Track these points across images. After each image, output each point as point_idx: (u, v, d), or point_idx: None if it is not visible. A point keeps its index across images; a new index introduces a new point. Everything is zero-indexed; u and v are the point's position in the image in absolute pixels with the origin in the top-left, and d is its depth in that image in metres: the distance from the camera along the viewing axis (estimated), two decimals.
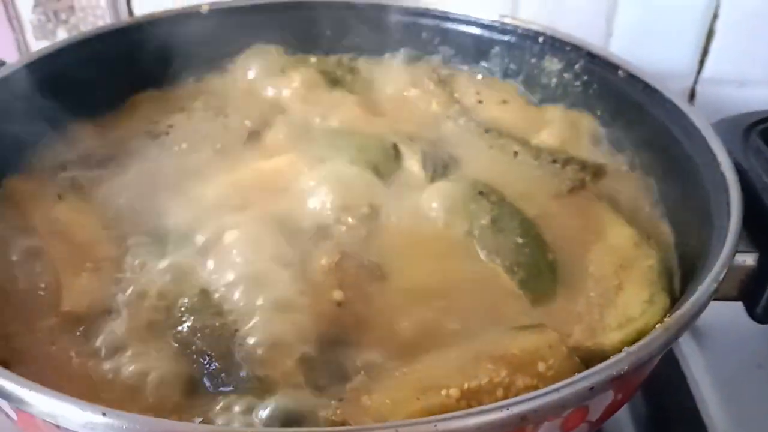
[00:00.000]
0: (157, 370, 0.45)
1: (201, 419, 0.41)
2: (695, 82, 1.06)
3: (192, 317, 0.48)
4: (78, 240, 0.55)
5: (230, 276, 0.50)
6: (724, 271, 0.42)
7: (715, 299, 0.51)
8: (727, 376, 0.71)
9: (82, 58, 0.69)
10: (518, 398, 0.35)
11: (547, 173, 0.65)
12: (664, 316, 0.44)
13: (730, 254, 0.43)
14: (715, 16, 0.99)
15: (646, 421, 0.66)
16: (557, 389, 0.35)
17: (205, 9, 0.76)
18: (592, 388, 0.35)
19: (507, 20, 0.74)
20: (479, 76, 0.78)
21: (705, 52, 1.03)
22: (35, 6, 0.95)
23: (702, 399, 0.66)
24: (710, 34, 1.01)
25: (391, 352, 0.48)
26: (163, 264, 0.52)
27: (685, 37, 1.02)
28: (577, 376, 0.36)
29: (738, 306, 0.55)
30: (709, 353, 0.72)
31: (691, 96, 1.07)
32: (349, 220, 0.58)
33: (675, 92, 0.61)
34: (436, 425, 0.33)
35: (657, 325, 0.40)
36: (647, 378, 0.47)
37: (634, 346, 0.38)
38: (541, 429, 0.38)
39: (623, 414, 0.67)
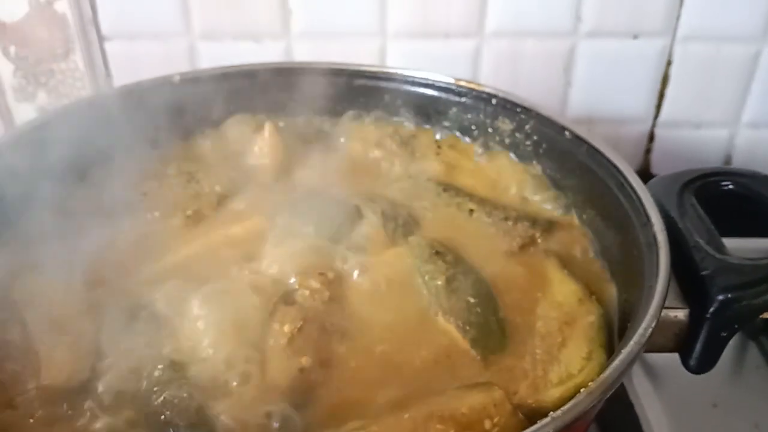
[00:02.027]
0: None
1: None
2: (653, 125, 1.11)
3: (162, 389, 0.51)
4: (55, 313, 0.58)
5: (197, 346, 0.54)
6: (648, 333, 0.46)
7: (653, 351, 0.55)
8: (683, 415, 0.74)
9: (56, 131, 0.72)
10: None
11: (500, 230, 0.68)
12: (601, 372, 0.48)
13: (654, 315, 0.47)
14: (669, 63, 1.04)
15: None
16: None
17: (176, 79, 0.80)
18: None
19: (462, 83, 0.79)
20: (438, 136, 0.82)
21: (661, 97, 1.08)
22: (16, 70, 0.99)
23: None
24: (665, 80, 1.06)
25: (349, 415, 0.51)
26: (134, 336, 0.55)
27: (642, 83, 1.07)
28: None
29: None
30: (664, 393, 0.75)
31: (651, 139, 1.12)
32: (313, 284, 0.61)
33: (615, 153, 0.65)
34: None
35: (581, 390, 0.44)
36: (584, 430, 0.50)
37: (559, 411, 0.41)
38: None
39: None
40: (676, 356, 0.61)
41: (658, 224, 0.55)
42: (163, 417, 0.49)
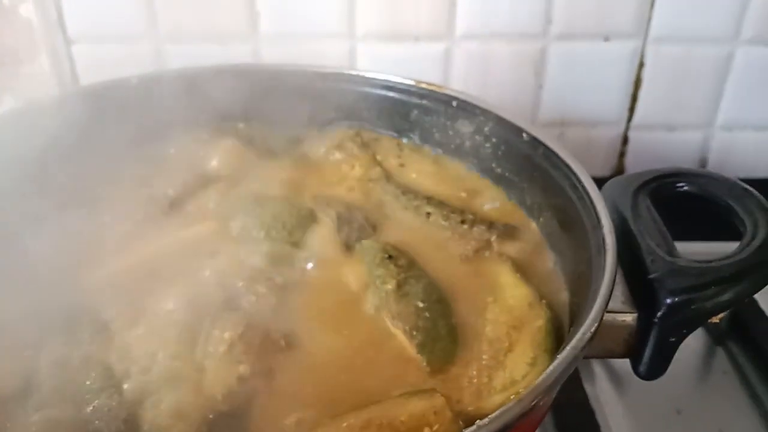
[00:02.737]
0: None
1: None
2: (627, 128, 1.10)
3: (93, 397, 0.49)
4: None
5: (133, 353, 0.52)
6: (587, 337, 0.45)
7: (602, 356, 0.54)
8: (646, 421, 0.72)
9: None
10: None
11: (456, 234, 0.67)
12: None
13: (595, 319, 0.46)
14: (641, 65, 1.03)
15: None
16: None
17: (134, 81, 0.79)
18: None
19: (423, 85, 0.78)
20: (401, 139, 0.81)
21: (634, 99, 1.07)
22: None
23: None
24: (638, 82, 1.06)
25: (288, 425, 0.50)
26: (72, 342, 0.54)
27: (614, 85, 1.06)
28: None
29: None
30: (627, 398, 0.74)
31: (624, 142, 1.11)
32: (260, 289, 0.60)
33: (570, 156, 0.64)
34: None
35: (512, 396, 0.42)
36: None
37: (486, 419, 0.40)
38: None
39: None
40: None
41: (607, 226, 0.54)
42: (91, 427, 0.48)
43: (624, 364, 0.76)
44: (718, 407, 0.74)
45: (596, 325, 0.45)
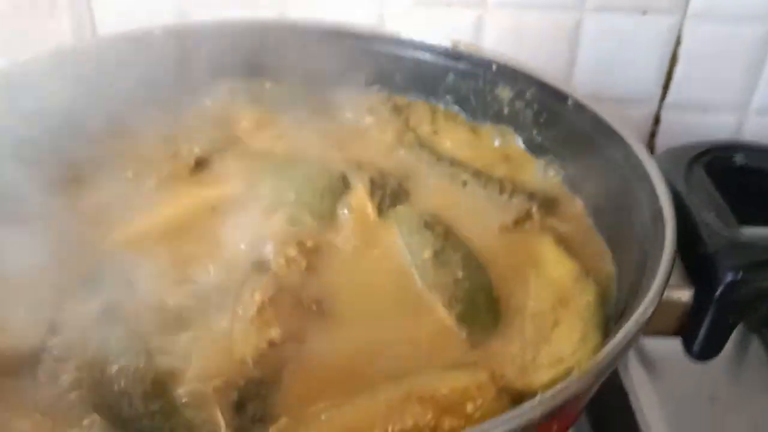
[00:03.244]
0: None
1: None
2: (659, 107, 1.06)
3: (117, 357, 0.47)
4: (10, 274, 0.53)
5: (158, 315, 0.49)
6: (650, 313, 0.42)
7: (653, 335, 0.51)
8: (679, 408, 0.70)
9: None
10: None
11: (495, 204, 0.64)
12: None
13: (657, 294, 0.43)
14: (678, 42, 1.00)
15: None
16: None
17: (157, 32, 0.76)
18: None
19: (461, 47, 0.74)
20: (435, 104, 0.77)
21: (669, 78, 1.03)
22: None
23: None
24: (673, 60, 1.02)
25: (320, 394, 0.47)
26: (93, 303, 0.51)
27: (649, 62, 1.02)
28: (487, 424, 0.35)
29: None
30: (661, 385, 0.71)
31: (656, 121, 1.07)
32: (290, 252, 0.57)
33: (621, 122, 0.60)
34: None
35: (575, 367, 0.39)
36: (577, 415, 0.46)
37: (548, 393, 0.37)
38: None
39: None
40: (673, 346, 0.58)
41: (664, 197, 0.51)
42: (116, 387, 0.45)
43: (657, 349, 0.74)
44: (754, 397, 0.72)
45: (659, 300, 0.42)
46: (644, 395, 0.69)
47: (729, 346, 0.74)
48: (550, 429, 0.42)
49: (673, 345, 0.59)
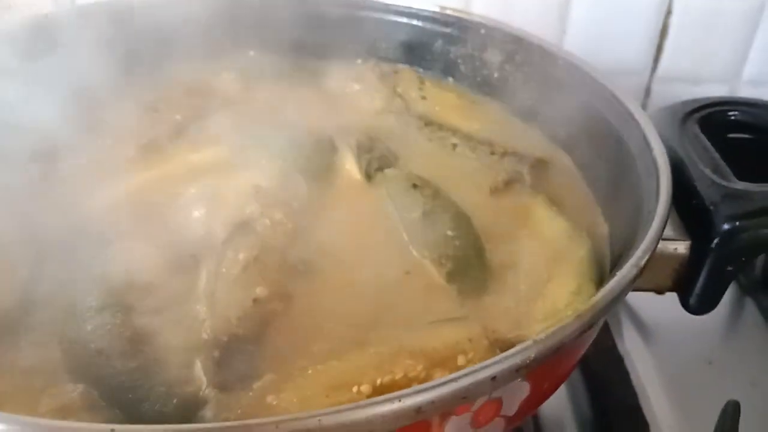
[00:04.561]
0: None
1: None
2: (650, 79, 1.05)
3: (94, 315, 0.45)
4: None
5: (137, 275, 0.48)
6: (647, 257, 0.40)
7: (649, 290, 0.50)
8: (675, 372, 0.69)
9: None
10: (412, 389, 0.32)
11: (485, 166, 0.63)
12: None
13: (655, 238, 0.41)
14: (669, 12, 0.98)
15: (591, 421, 0.64)
16: (455, 379, 0.33)
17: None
18: (494, 378, 0.33)
19: (448, 12, 0.73)
20: (422, 71, 0.76)
21: (659, 50, 1.02)
22: None
23: (647, 397, 0.65)
24: (664, 31, 1.00)
25: (307, 351, 0.46)
26: (71, 264, 0.49)
27: (639, 33, 1.01)
28: (478, 365, 0.34)
29: None
30: (657, 350, 0.70)
31: (647, 93, 1.06)
32: (275, 215, 0.55)
33: (613, 82, 0.59)
34: (320, 420, 0.30)
35: (569, 312, 0.38)
36: (569, 370, 0.45)
37: (542, 333, 0.35)
38: (448, 424, 0.35)
39: (566, 413, 0.65)
40: (668, 311, 0.56)
41: (658, 149, 0.49)
42: (93, 345, 0.43)
43: (652, 315, 0.73)
44: (750, 359, 0.71)
45: (655, 245, 0.41)
46: (640, 360, 0.68)
47: (723, 309, 0.74)
48: (542, 380, 0.41)
49: (667, 310, 0.58)
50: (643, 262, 0.40)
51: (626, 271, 0.39)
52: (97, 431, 0.32)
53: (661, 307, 0.59)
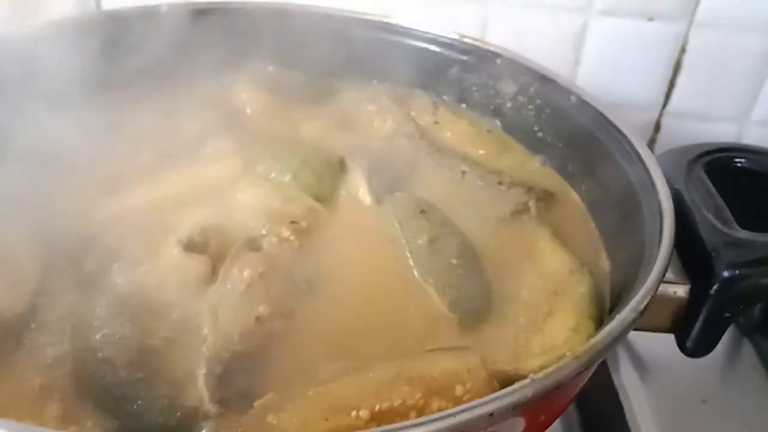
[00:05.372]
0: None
1: None
2: (660, 114, 1.06)
3: (102, 324, 0.46)
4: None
5: (145, 286, 0.49)
6: (647, 300, 0.41)
7: (647, 330, 0.50)
8: (670, 410, 0.69)
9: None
10: (410, 422, 0.33)
11: (493, 195, 0.64)
12: None
13: (655, 282, 0.42)
14: (683, 50, 0.99)
15: None
16: (453, 414, 0.34)
17: (163, 9, 0.75)
18: (491, 414, 0.34)
19: (466, 40, 0.74)
20: (437, 96, 0.77)
21: (671, 85, 1.03)
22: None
23: None
24: (677, 68, 1.01)
25: (308, 372, 0.46)
26: (80, 271, 0.50)
27: (653, 69, 1.02)
28: (477, 401, 0.35)
29: None
30: (652, 386, 0.71)
31: (657, 128, 1.07)
32: (283, 232, 0.57)
33: (623, 121, 0.60)
34: None
35: (568, 353, 0.39)
36: (565, 405, 0.46)
37: (541, 373, 0.36)
38: None
39: None
40: (665, 348, 0.57)
41: (663, 192, 0.50)
42: (100, 354, 0.44)
43: (648, 350, 0.73)
44: (745, 399, 0.71)
45: (656, 289, 0.42)
46: (635, 396, 0.68)
47: (721, 349, 0.74)
48: (538, 416, 0.42)
49: (665, 347, 0.59)
50: (642, 306, 0.41)
51: (625, 314, 0.40)
52: None
53: (659, 344, 0.59)
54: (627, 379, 0.70)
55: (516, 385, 0.36)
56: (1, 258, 0.51)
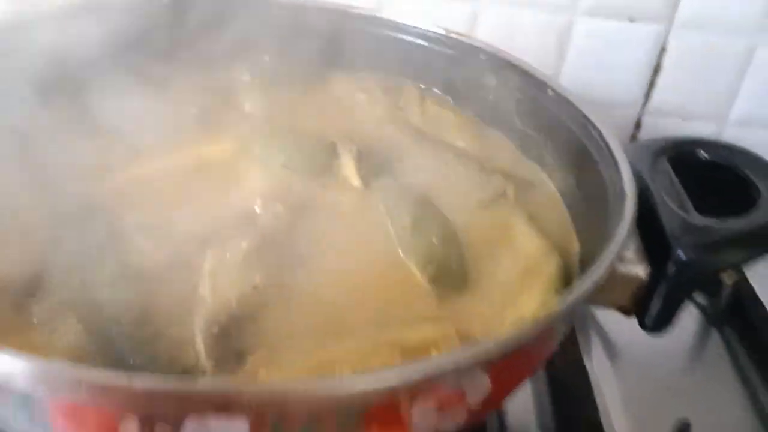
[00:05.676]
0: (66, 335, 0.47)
1: None
2: (641, 112, 1.10)
3: (107, 287, 0.50)
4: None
5: (147, 254, 0.53)
6: (602, 272, 0.45)
7: (610, 307, 0.55)
8: (636, 391, 0.74)
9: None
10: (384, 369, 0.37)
11: (474, 181, 0.68)
12: None
13: (612, 255, 0.46)
14: (663, 50, 1.03)
15: (553, 429, 0.69)
16: (423, 365, 0.38)
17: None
18: (457, 367, 0.38)
19: (453, 35, 0.78)
20: (424, 88, 0.81)
21: (652, 85, 1.07)
22: None
23: (607, 411, 0.70)
24: (657, 68, 1.05)
25: (298, 336, 0.50)
26: (85, 239, 0.54)
27: (634, 69, 1.06)
28: (444, 354, 0.39)
29: None
30: (621, 369, 0.75)
31: (637, 126, 1.11)
32: (277, 208, 0.60)
33: (605, 117, 0.64)
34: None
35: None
36: (529, 370, 0.50)
37: (503, 333, 0.41)
38: (415, 408, 0.40)
39: (531, 420, 0.69)
40: (635, 336, 0.61)
41: (627, 177, 0.55)
42: (105, 313, 0.48)
43: (621, 338, 0.78)
44: (709, 386, 0.76)
45: (612, 260, 0.46)
46: (604, 376, 0.72)
47: (689, 339, 0.79)
48: (502, 376, 0.46)
49: (636, 333, 0.63)
50: (598, 277, 0.45)
51: (584, 284, 0.45)
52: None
53: (629, 331, 0.63)
54: (597, 361, 0.74)
55: (481, 343, 0.40)
56: (9, 225, 0.55)
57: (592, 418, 0.67)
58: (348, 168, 0.68)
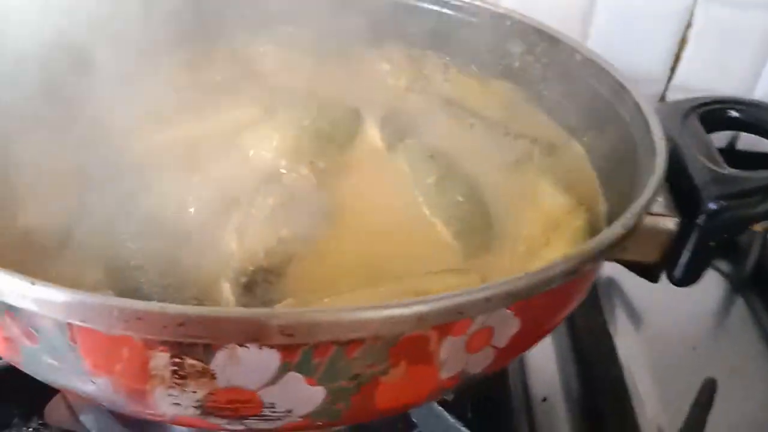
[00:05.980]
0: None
1: None
2: (666, 88, 1.09)
3: (135, 238, 0.50)
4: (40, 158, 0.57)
5: (175, 211, 0.53)
6: (635, 218, 0.45)
7: (639, 261, 0.54)
8: (660, 354, 0.73)
9: None
10: (413, 300, 0.38)
11: (498, 145, 0.68)
12: None
13: (645, 202, 0.46)
14: (689, 25, 1.02)
15: (577, 390, 0.69)
16: (453, 296, 0.38)
17: None
18: (488, 299, 0.38)
19: (476, 3, 0.78)
20: (447, 57, 0.81)
21: (677, 60, 1.06)
22: None
23: (632, 373, 0.69)
24: (683, 42, 1.04)
25: (323, 285, 0.51)
26: (117, 194, 0.55)
27: (659, 43, 1.05)
28: (474, 288, 0.39)
29: (675, 291, 0.57)
30: (645, 333, 0.75)
31: (662, 100, 1.10)
32: (302, 170, 0.61)
33: (622, 74, 0.64)
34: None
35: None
36: (559, 316, 0.49)
37: (533, 270, 0.40)
38: (444, 342, 0.40)
39: (555, 384, 0.69)
40: (659, 298, 0.61)
41: (657, 134, 0.54)
42: (133, 262, 0.49)
43: (644, 303, 0.77)
44: (733, 349, 0.75)
45: (645, 207, 0.46)
46: (628, 340, 0.72)
47: (714, 305, 0.79)
48: (530, 317, 0.45)
49: (659, 299, 0.62)
50: (631, 223, 0.45)
51: (614, 228, 0.44)
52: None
53: (654, 300, 0.63)
54: (621, 325, 0.74)
55: (511, 277, 0.40)
56: (43, 180, 0.56)
57: (615, 377, 0.67)
58: (372, 131, 0.68)
